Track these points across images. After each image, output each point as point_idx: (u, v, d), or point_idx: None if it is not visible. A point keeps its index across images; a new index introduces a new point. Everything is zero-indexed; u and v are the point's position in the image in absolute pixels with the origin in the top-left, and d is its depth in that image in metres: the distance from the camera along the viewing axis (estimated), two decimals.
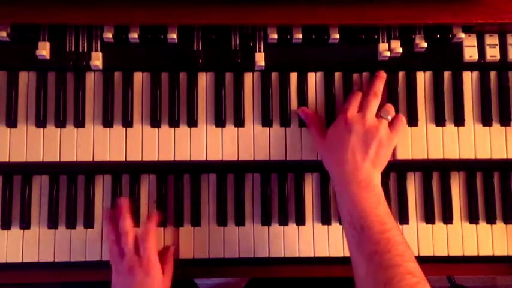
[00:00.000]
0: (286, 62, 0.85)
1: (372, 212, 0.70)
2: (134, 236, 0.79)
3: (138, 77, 0.85)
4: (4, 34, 0.81)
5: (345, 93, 0.85)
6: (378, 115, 0.79)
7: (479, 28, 0.84)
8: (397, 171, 0.87)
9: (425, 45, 0.84)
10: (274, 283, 1.01)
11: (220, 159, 0.83)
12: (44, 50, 0.81)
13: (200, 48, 0.84)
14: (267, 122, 0.84)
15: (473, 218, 0.86)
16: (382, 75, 0.83)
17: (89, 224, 0.85)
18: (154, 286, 0.77)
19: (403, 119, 0.81)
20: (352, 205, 0.71)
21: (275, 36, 0.83)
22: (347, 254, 0.85)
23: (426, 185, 0.87)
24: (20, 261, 0.84)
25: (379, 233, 0.68)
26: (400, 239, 0.68)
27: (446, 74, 0.86)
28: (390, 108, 0.81)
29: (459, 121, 0.85)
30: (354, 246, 0.70)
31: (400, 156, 0.84)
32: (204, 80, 0.85)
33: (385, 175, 0.86)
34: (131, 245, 0.78)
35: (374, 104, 0.79)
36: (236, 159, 0.84)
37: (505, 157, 0.85)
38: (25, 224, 0.84)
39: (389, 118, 0.79)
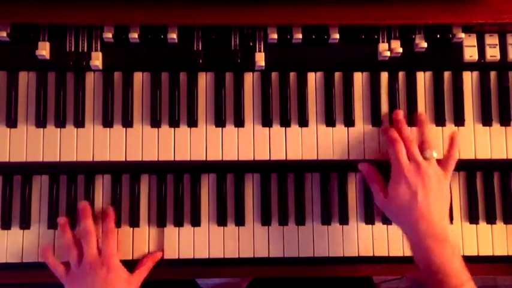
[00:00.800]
0: (286, 62, 0.85)
1: (448, 266, 0.72)
2: (95, 236, 0.80)
3: (138, 77, 0.85)
4: (4, 34, 0.81)
5: (345, 93, 0.85)
6: (424, 156, 0.78)
7: (479, 28, 0.84)
8: None
9: (425, 45, 0.84)
10: (276, 283, 1.01)
11: (220, 159, 0.83)
12: (44, 50, 0.81)
13: (200, 48, 0.84)
14: (267, 122, 0.84)
15: (473, 218, 0.86)
16: (400, 120, 0.82)
17: None
18: (117, 282, 0.78)
19: (455, 154, 0.80)
20: (431, 260, 0.72)
21: (275, 36, 0.83)
22: (347, 254, 0.86)
23: None
24: (20, 261, 0.84)
25: (456, 286, 0.71)
26: None
27: (446, 74, 0.86)
28: (430, 146, 0.79)
29: (459, 121, 0.85)
30: None
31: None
32: (204, 80, 0.85)
33: (384, 175, 0.86)
34: (93, 244, 0.79)
35: (416, 149, 0.78)
36: (236, 159, 0.84)
37: (505, 157, 0.85)
38: (25, 224, 0.84)
39: (435, 156, 0.78)
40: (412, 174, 0.76)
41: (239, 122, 0.84)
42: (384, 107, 0.85)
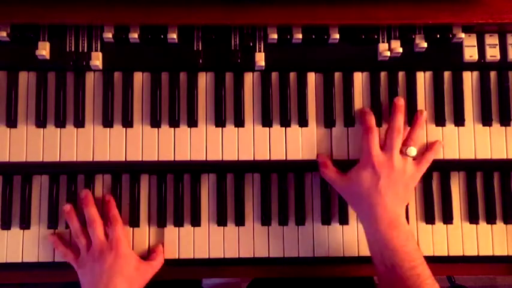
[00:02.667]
0: (286, 62, 0.85)
1: (401, 250, 0.73)
2: (102, 223, 0.81)
3: (138, 77, 0.85)
4: (4, 34, 0.81)
5: (345, 93, 0.85)
6: (402, 152, 0.79)
7: (479, 28, 0.84)
8: None
9: (425, 45, 0.84)
10: (276, 283, 1.01)
11: (220, 159, 0.83)
12: (44, 50, 0.81)
13: (200, 48, 0.84)
14: (267, 122, 0.84)
15: (473, 218, 0.86)
16: (400, 106, 0.82)
17: None
18: (127, 267, 0.78)
19: (430, 157, 0.81)
20: (384, 245, 0.74)
21: (275, 36, 0.83)
22: (347, 254, 0.86)
23: (426, 185, 0.87)
24: (20, 261, 0.84)
25: (409, 269, 0.72)
26: (428, 273, 0.73)
27: (446, 74, 0.86)
28: (414, 143, 0.80)
29: (459, 121, 0.85)
30: (386, 283, 0.75)
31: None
32: (204, 80, 0.85)
33: None
34: (100, 231, 0.80)
35: (398, 142, 0.80)
36: (236, 159, 0.84)
37: (505, 157, 0.85)
38: (25, 224, 0.84)
39: (414, 155, 0.79)
40: (381, 163, 0.78)
41: (239, 122, 0.84)
42: (384, 107, 0.85)
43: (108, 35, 0.82)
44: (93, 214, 0.81)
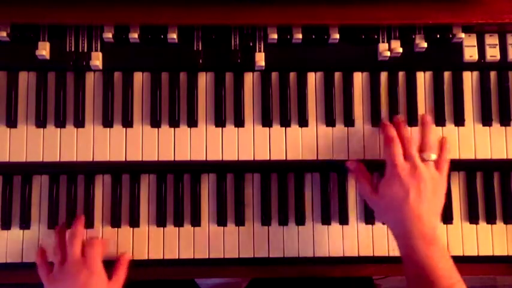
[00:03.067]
0: (286, 62, 0.85)
1: (438, 267, 0.71)
2: (81, 241, 0.79)
3: (138, 77, 0.85)
4: (4, 34, 0.81)
5: (345, 93, 0.85)
6: (422, 159, 0.77)
7: (479, 28, 0.84)
8: None
9: (425, 45, 0.84)
10: (275, 283, 1.01)
11: (220, 159, 0.83)
12: (44, 50, 0.81)
13: (200, 48, 0.84)
14: (267, 122, 0.84)
15: (473, 218, 0.86)
16: (401, 122, 0.81)
17: (89, 224, 0.85)
18: (98, 285, 0.76)
19: (446, 157, 0.79)
20: (419, 260, 0.72)
21: (275, 36, 0.83)
22: (347, 254, 0.86)
23: None
24: (20, 261, 0.84)
25: (445, 287, 0.70)
26: None
27: (446, 74, 0.86)
28: (431, 148, 0.78)
29: (459, 121, 0.85)
30: None
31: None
32: (204, 80, 0.85)
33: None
34: (77, 247, 0.78)
35: (415, 149, 0.77)
36: (236, 159, 0.84)
37: (505, 157, 0.85)
38: (25, 224, 0.84)
39: (434, 158, 0.77)
40: (407, 174, 0.75)
41: (239, 122, 0.84)
42: (384, 107, 0.85)
43: (108, 35, 0.82)
44: (76, 229, 0.80)
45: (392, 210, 0.75)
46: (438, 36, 0.84)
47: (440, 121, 0.85)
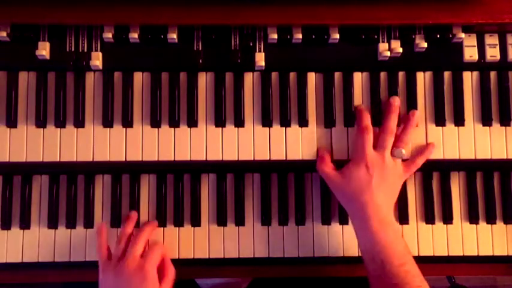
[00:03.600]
0: (286, 62, 0.85)
1: (391, 247, 0.75)
2: (145, 243, 0.80)
3: (138, 77, 0.85)
4: (4, 34, 0.81)
5: (345, 93, 0.85)
6: (392, 153, 0.81)
7: (479, 28, 0.84)
8: None
9: (425, 45, 0.84)
10: (276, 283, 1.01)
11: (220, 159, 0.83)
12: (44, 50, 0.81)
13: (200, 48, 0.84)
14: (267, 122, 0.84)
15: (473, 218, 0.86)
16: (395, 106, 0.83)
17: (89, 224, 0.85)
18: None
19: (419, 162, 0.82)
20: (374, 241, 0.76)
21: (275, 36, 0.83)
22: (347, 254, 0.86)
23: (426, 185, 0.87)
24: (20, 261, 0.84)
25: (398, 266, 0.74)
26: (417, 271, 0.75)
27: (446, 74, 0.86)
28: (404, 145, 0.81)
29: (459, 121, 0.85)
30: (375, 278, 0.76)
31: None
32: (204, 80, 0.85)
33: None
34: (139, 249, 0.79)
35: (390, 142, 0.81)
36: (236, 159, 0.84)
37: (505, 157, 0.85)
38: (25, 224, 0.84)
39: (402, 157, 0.81)
40: (373, 163, 0.79)
41: (239, 122, 0.84)
42: (384, 107, 0.85)
43: (108, 35, 0.82)
44: (145, 233, 0.81)
45: (354, 194, 0.79)
46: (438, 36, 0.84)
47: (440, 121, 0.85)
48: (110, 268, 0.78)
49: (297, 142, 0.84)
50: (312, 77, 0.86)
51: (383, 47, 0.85)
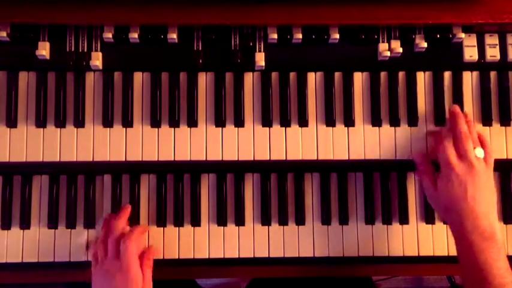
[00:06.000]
0: (286, 62, 0.85)
1: (493, 265, 0.71)
2: (119, 237, 0.79)
3: (138, 77, 0.85)
4: (4, 34, 0.81)
5: (345, 93, 0.85)
6: (474, 154, 0.78)
7: (479, 28, 0.84)
8: (397, 171, 0.87)
9: (425, 45, 0.84)
10: (276, 283, 1.01)
11: (220, 159, 0.83)
12: (44, 50, 0.81)
13: (200, 48, 0.84)
14: (267, 122, 0.84)
15: None
16: (459, 113, 0.81)
17: (89, 224, 0.85)
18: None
19: (491, 152, 0.80)
20: (473, 256, 0.72)
21: (275, 36, 0.83)
22: (347, 254, 0.86)
23: None
24: (20, 261, 0.84)
25: (498, 286, 0.70)
26: None
27: (446, 74, 0.86)
28: (478, 144, 0.79)
29: None
30: None
31: (400, 156, 0.84)
32: (204, 80, 0.85)
33: (384, 175, 0.86)
34: (115, 244, 0.78)
35: (471, 146, 0.78)
36: (236, 159, 0.84)
37: (505, 157, 0.85)
38: (25, 224, 0.84)
39: (483, 154, 0.78)
40: (463, 172, 0.76)
41: (239, 122, 0.84)
42: (384, 107, 0.85)
43: (108, 35, 0.82)
44: (119, 228, 0.80)
45: (451, 206, 0.76)
46: (438, 36, 0.84)
47: (440, 121, 0.85)
48: (97, 271, 0.79)
49: (297, 142, 0.84)
50: (312, 77, 0.86)
51: (383, 47, 0.85)
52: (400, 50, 0.84)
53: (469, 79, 0.86)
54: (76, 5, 0.79)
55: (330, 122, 0.85)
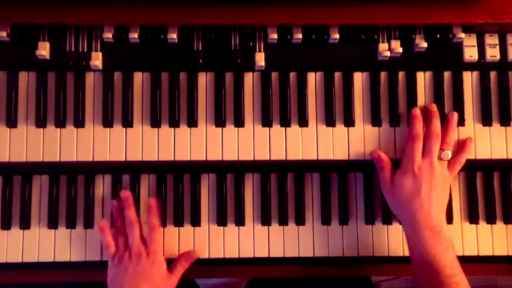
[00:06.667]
0: (286, 62, 0.85)
1: (442, 257, 0.75)
2: (140, 226, 0.82)
3: (138, 77, 0.85)
4: (4, 34, 0.81)
5: (345, 93, 0.85)
6: (439, 156, 0.80)
7: (479, 28, 0.84)
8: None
9: (425, 45, 0.84)
10: (275, 283, 1.01)
11: (220, 159, 0.83)
12: (44, 50, 0.81)
13: (200, 48, 0.84)
14: (267, 122, 0.84)
15: (473, 218, 0.86)
16: (435, 112, 0.83)
17: (89, 224, 0.85)
18: (157, 276, 0.79)
19: (462, 159, 0.82)
20: (425, 250, 0.75)
21: (275, 36, 0.83)
22: (347, 254, 0.86)
23: None
24: (20, 261, 0.84)
25: (449, 276, 0.73)
26: (466, 282, 0.74)
27: (446, 74, 0.86)
28: (449, 147, 0.81)
29: (459, 121, 0.85)
30: (426, 287, 0.76)
31: (400, 156, 0.84)
32: (204, 80, 0.85)
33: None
34: (137, 234, 0.81)
35: (437, 147, 0.80)
36: (236, 159, 0.84)
37: (505, 157, 0.85)
38: (25, 224, 0.84)
39: (449, 158, 0.81)
40: (422, 171, 0.78)
41: (239, 122, 0.84)
42: (384, 107, 0.85)
43: (108, 35, 0.82)
44: (132, 216, 0.82)
45: (404, 201, 0.78)
46: (438, 36, 0.84)
47: (440, 121, 0.85)
48: (120, 259, 0.80)
49: (297, 142, 0.84)
50: (312, 77, 0.86)
51: (383, 47, 0.85)
52: (400, 50, 0.84)
53: (469, 79, 0.86)
54: (76, 5, 0.79)
55: (330, 122, 0.85)
